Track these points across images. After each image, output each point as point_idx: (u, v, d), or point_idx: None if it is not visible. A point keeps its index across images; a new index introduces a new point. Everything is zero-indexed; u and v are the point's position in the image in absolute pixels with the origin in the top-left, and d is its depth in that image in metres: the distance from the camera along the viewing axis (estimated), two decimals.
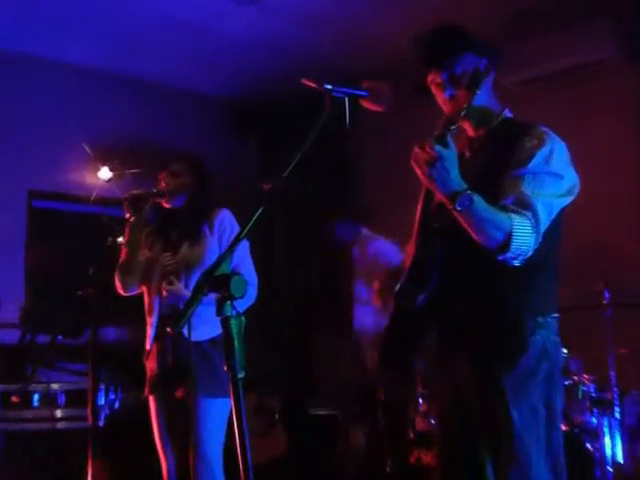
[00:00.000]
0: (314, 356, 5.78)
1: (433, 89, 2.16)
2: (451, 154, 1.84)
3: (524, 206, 1.92)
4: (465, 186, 1.86)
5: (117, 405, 4.22)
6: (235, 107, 6.20)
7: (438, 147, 1.83)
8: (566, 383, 3.56)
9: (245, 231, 1.66)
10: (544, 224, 1.94)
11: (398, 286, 2.10)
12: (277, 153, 6.02)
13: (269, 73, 5.48)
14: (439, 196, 1.91)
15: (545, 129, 2.05)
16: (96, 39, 4.93)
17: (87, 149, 5.12)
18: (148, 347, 3.13)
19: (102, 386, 4.04)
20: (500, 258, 1.91)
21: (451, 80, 2.10)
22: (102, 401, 4.10)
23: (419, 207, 2.24)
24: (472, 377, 2.05)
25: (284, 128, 5.93)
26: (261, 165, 6.26)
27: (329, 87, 1.78)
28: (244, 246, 3.10)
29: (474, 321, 2.05)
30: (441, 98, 2.14)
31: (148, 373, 3.14)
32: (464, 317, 2.07)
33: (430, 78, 2.16)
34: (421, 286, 2.05)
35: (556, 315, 2.08)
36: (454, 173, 1.85)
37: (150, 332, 3.11)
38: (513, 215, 1.90)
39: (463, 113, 1.95)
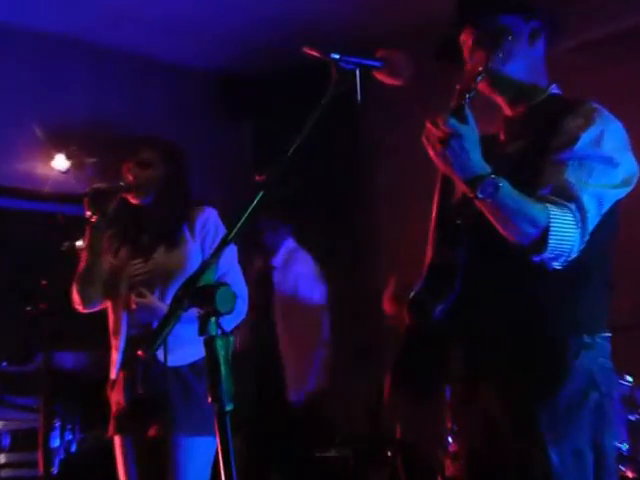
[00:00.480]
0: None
1: (465, 53, 2.18)
2: (469, 130, 1.85)
3: (566, 196, 1.92)
4: (488, 169, 1.86)
5: (74, 448, 4.24)
6: (224, 83, 6.24)
7: (453, 121, 1.83)
8: (632, 418, 3.56)
9: (233, 233, 1.67)
10: (592, 219, 1.93)
11: (412, 295, 2.12)
12: (275, 138, 6.03)
13: (265, 41, 5.50)
14: (459, 184, 1.92)
15: (595, 105, 2.05)
16: None
17: (38, 132, 5.14)
18: (113, 376, 3.15)
19: (57, 424, 4.07)
20: (536, 259, 1.91)
21: (482, 43, 2.11)
22: (56, 443, 4.12)
23: (436, 200, 2.25)
24: (504, 409, 2.06)
25: (284, 108, 5.97)
26: (256, 153, 6.29)
27: (336, 57, 1.79)
28: (231, 251, 3.13)
29: (504, 339, 2.06)
30: (469, 64, 2.14)
31: (113, 408, 3.16)
32: (492, 334, 2.08)
33: (462, 38, 2.18)
34: (440, 295, 2.06)
35: (608, 334, 2.09)
36: (474, 154, 1.85)
37: (116, 357, 3.13)
38: (550, 206, 1.89)
39: (480, 78, 1.94)
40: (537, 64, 2.18)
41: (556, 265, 1.92)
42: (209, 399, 1.58)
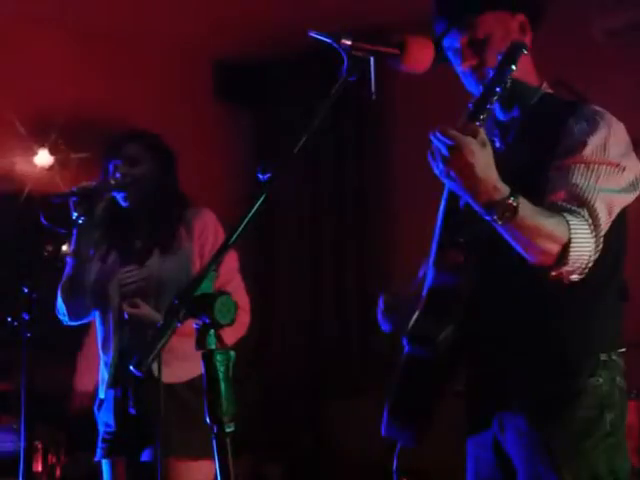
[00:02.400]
0: (326, 414, 5.82)
1: (450, 56, 2.20)
2: (476, 145, 1.81)
3: (578, 202, 1.95)
4: (505, 190, 1.84)
5: (59, 472, 4.26)
6: (222, 67, 6.25)
7: (456, 134, 1.80)
8: None
9: (234, 238, 1.67)
10: (604, 225, 1.97)
11: (411, 323, 2.13)
12: (278, 129, 6.07)
13: (267, 21, 5.51)
14: (472, 205, 1.92)
15: (597, 108, 2.09)
16: None
17: (18, 125, 5.15)
18: (102, 394, 3.16)
19: (39, 447, 4.08)
20: (554, 274, 1.93)
21: (471, 46, 2.13)
22: (38, 467, 4.13)
23: (439, 216, 2.25)
24: (514, 433, 2.08)
25: (288, 97, 5.99)
26: (256, 145, 6.30)
27: (348, 42, 1.78)
28: (232, 259, 3.14)
29: (516, 364, 2.09)
30: (459, 70, 2.18)
31: (101, 429, 3.18)
32: (503, 359, 2.11)
33: (447, 41, 2.19)
34: (442, 322, 2.06)
35: (623, 350, 2.12)
36: (487, 172, 1.83)
37: (105, 374, 3.15)
38: (567, 216, 1.91)
39: (495, 98, 1.93)
40: (526, 60, 2.17)
41: (574, 278, 1.95)
42: (207, 419, 1.58)
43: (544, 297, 2.04)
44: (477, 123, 1.85)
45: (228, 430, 1.56)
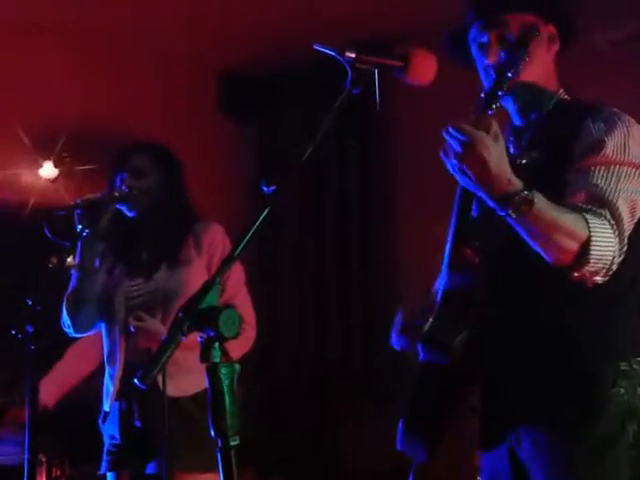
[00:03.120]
0: (331, 426, 5.81)
1: (473, 50, 2.20)
2: (489, 139, 1.83)
3: (599, 203, 1.93)
4: (519, 184, 1.85)
5: None
6: (228, 80, 6.26)
7: (468, 128, 1.82)
8: None
9: (239, 250, 1.67)
10: (627, 225, 1.95)
11: (426, 328, 2.12)
12: (282, 142, 6.08)
13: (272, 33, 5.53)
14: (486, 201, 1.92)
15: (614, 109, 2.08)
16: None
17: (23, 137, 5.16)
18: (107, 407, 3.16)
19: (43, 460, 4.08)
20: (576, 274, 1.91)
21: (500, 42, 2.13)
22: None
23: (452, 218, 2.25)
24: (532, 445, 2.06)
25: (292, 109, 6.00)
26: (260, 158, 6.31)
27: (352, 55, 1.79)
28: (238, 272, 3.13)
29: (533, 372, 2.07)
30: (482, 64, 2.17)
31: (107, 442, 3.18)
32: (520, 367, 2.08)
33: (472, 34, 2.20)
34: (457, 327, 2.05)
35: None
36: (501, 167, 1.84)
37: (110, 386, 3.14)
38: (586, 215, 1.90)
39: (505, 88, 1.94)
40: (550, 69, 2.21)
41: (598, 280, 1.93)
42: (212, 432, 1.58)
43: (562, 302, 2.03)
44: (489, 112, 1.86)
45: (233, 443, 1.57)
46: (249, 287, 3.22)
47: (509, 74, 1.96)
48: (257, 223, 1.67)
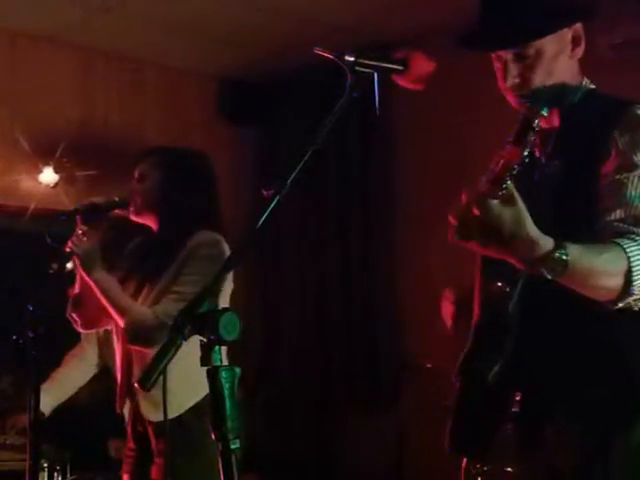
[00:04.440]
0: (333, 432, 5.81)
1: (494, 59, 2.15)
2: (498, 207, 1.70)
3: (633, 220, 1.88)
4: (548, 244, 1.75)
5: None
6: (227, 87, 6.27)
7: (472, 203, 1.71)
8: None
9: (239, 255, 1.68)
10: None
11: (461, 360, 2.11)
12: (282, 147, 6.08)
13: (272, 39, 5.53)
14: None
15: (639, 111, 2.00)
16: None
17: (23, 143, 5.16)
18: (118, 410, 3.17)
19: (44, 465, 4.08)
20: (620, 305, 1.87)
21: (518, 60, 2.07)
22: None
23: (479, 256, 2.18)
24: (570, 457, 2.05)
25: (292, 114, 6.00)
26: (261, 163, 6.32)
27: (351, 59, 1.80)
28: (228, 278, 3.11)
29: (569, 378, 2.04)
30: (501, 81, 2.11)
31: (127, 444, 3.20)
32: (555, 382, 2.06)
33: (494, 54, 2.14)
34: (492, 355, 2.03)
35: None
36: (519, 231, 1.72)
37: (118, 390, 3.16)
38: (623, 241, 1.83)
39: (514, 172, 1.73)
40: (575, 66, 2.15)
41: None
42: (212, 436, 1.58)
43: (602, 317, 1.96)
44: (501, 192, 1.71)
45: (234, 447, 1.57)
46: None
47: (514, 171, 1.75)
48: (257, 227, 1.66)
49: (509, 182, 1.71)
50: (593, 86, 2.17)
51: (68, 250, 3.01)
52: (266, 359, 6.01)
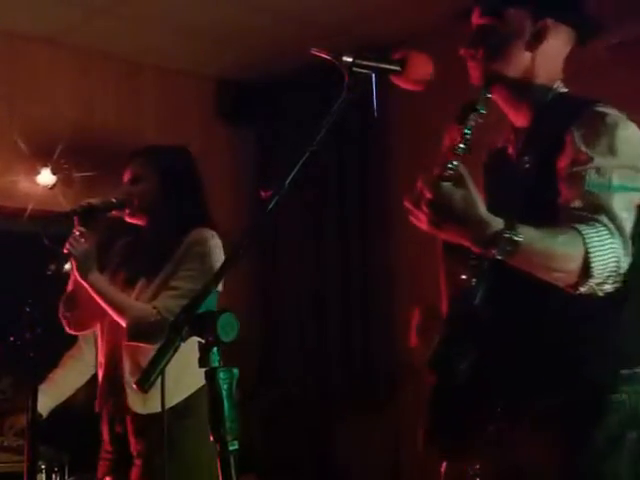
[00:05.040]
0: (331, 433, 5.81)
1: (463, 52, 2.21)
2: (448, 188, 1.78)
3: (592, 208, 1.90)
4: (497, 225, 1.79)
5: None
6: (225, 88, 6.27)
7: (424, 185, 1.79)
8: None
9: (237, 256, 1.67)
10: (628, 224, 1.91)
11: (432, 355, 2.11)
12: (281, 148, 6.08)
13: (270, 40, 5.54)
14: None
15: (604, 109, 2.03)
16: None
17: (21, 144, 5.17)
18: (97, 409, 3.17)
19: (42, 467, 4.08)
20: (582, 290, 1.87)
21: (479, 32, 2.17)
22: None
23: (440, 247, 2.22)
24: (535, 457, 2.06)
25: (290, 115, 6.01)
26: (259, 164, 6.32)
27: (349, 60, 1.79)
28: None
29: (536, 379, 2.06)
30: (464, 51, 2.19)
31: (103, 447, 3.19)
32: (520, 376, 2.08)
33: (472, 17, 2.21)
34: (462, 348, 2.04)
35: None
36: (468, 210, 1.78)
37: (99, 390, 3.16)
38: (580, 227, 1.86)
39: (460, 150, 1.84)
40: (544, 62, 2.17)
41: (608, 288, 1.90)
42: (211, 437, 1.58)
43: (564, 312, 2.01)
44: (448, 172, 1.80)
45: (232, 448, 1.56)
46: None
47: (459, 144, 1.87)
48: (255, 228, 1.68)
49: (455, 163, 1.79)
50: (566, 89, 2.21)
51: (66, 252, 3.02)
52: (265, 359, 6.01)
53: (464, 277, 2.06)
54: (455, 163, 1.80)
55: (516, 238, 1.78)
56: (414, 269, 5.23)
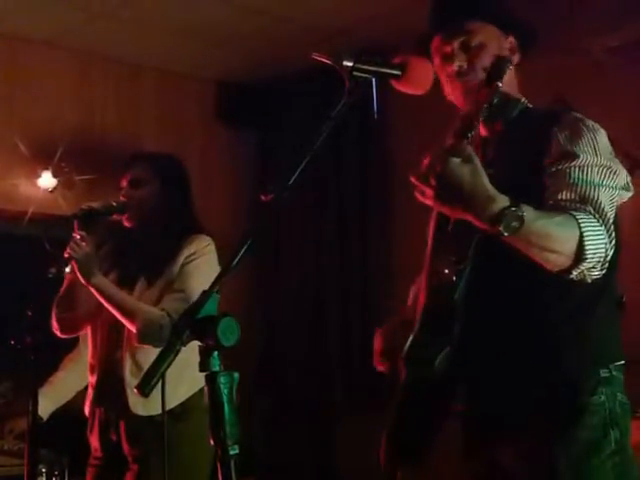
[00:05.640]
0: (331, 436, 5.81)
1: (436, 62, 2.22)
2: (456, 163, 1.80)
3: (579, 199, 1.94)
4: (504, 201, 1.81)
5: None
6: (226, 90, 6.27)
7: (433, 160, 1.81)
8: None
9: (237, 260, 1.67)
10: (611, 217, 1.95)
11: (407, 346, 2.12)
12: (281, 151, 6.08)
13: (271, 42, 5.54)
14: (476, 223, 1.88)
15: (577, 115, 2.11)
16: None
17: (21, 147, 5.17)
18: (87, 414, 3.17)
19: (43, 470, 4.08)
20: (575, 273, 1.89)
21: (463, 49, 2.18)
22: None
23: (430, 232, 2.26)
24: (515, 457, 2.07)
25: (291, 118, 6.01)
26: (260, 167, 6.32)
27: (349, 64, 1.79)
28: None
29: (516, 381, 2.07)
30: (445, 73, 2.20)
31: (92, 454, 3.18)
32: (502, 376, 2.09)
33: (434, 44, 2.23)
34: (439, 344, 2.04)
35: (622, 362, 2.10)
36: (477, 186, 1.80)
37: (90, 394, 3.16)
38: (573, 212, 1.89)
39: (485, 114, 1.94)
40: (511, 79, 2.22)
41: (595, 274, 1.92)
42: (211, 441, 1.58)
43: (541, 312, 2.04)
44: (465, 140, 1.85)
45: (232, 453, 1.56)
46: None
47: (485, 106, 1.96)
48: (255, 233, 1.67)
49: (470, 134, 1.86)
50: (530, 105, 2.27)
51: (66, 256, 3.02)
52: (265, 359, 6.00)
53: (446, 271, 2.08)
54: (472, 134, 1.87)
55: (521, 214, 1.79)
56: (414, 269, 5.21)
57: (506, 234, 1.80)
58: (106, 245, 3.31)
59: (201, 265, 3.08)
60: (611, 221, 1.95)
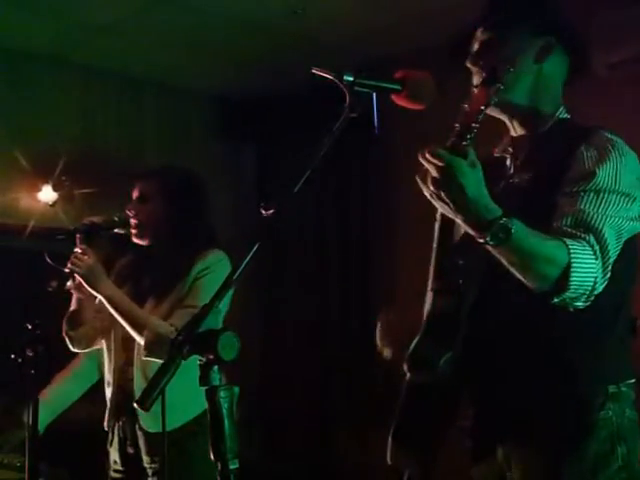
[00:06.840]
0: (332, 446, 5.79)
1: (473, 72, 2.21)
2: (466, 165, 1.80)
3: (584, 228, 1.93)
4: (498, 211, 1.82)
5: None
6: (227, 104, 6.29)
7: (445, 154, 1.79)
8: None
9: (237, 274, 1.67)
10: (613, 251, 1.94)
11: (411, 348, 2.11)
12: (281, 165, 6.09)
13: (270, 58, 5.55)
14: (464, 227, 1.91)
15: (609, 135, 2.06)
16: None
17: (22, 161, 5.17)
18: (106, 428, 3.16)
19: None
20: (556, 301, 1.89)
21: (484, 46, 2.17)
22: None
23: (436, 237, 2.25)
24: (523, 468, 2.06)
25: (291, 133, 6.02)
26: (259, 181, 6.33)
27: (350, 79, 1.80)
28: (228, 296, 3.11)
29: (522, 394, 2.06)
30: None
31: (112, 467, 3.18)
32: (504, 387, 2.09)
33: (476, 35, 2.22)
34: (442, 346, 2.04)
35: (632, 381, 2.10)
36: (478, 193, 1.81)
37: (108, 408, 3.15)
38: (568, 241, 1.88)
39: (480, 117, 1.89)
40: (546, 84, 2.19)
41: (579, 305, 1.92)
42: (211, 456, 1.58)
43: (551, 328, 2.02)
44: (464, 143, 1.83)
45: (232, 467, 1.57)
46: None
47: (480, 117, 1.91)
48: (253, 250, 1.66)
49: (471, 136, 1.83)
50: (568, 116, 2.23)
51: (67, 270, 3.02)
52: (265, 360, 6.00)
53: (451, 275, 2.09)
54: (472, 136, 1.84)
55: (510, 227, 1.80)
56: (416, 270, 5.19)
57: (491, 243, 1.82)
58: (124, 258, 3.30)
59: (213, 280, 3.04)
60: (611, 254, 1.93)
